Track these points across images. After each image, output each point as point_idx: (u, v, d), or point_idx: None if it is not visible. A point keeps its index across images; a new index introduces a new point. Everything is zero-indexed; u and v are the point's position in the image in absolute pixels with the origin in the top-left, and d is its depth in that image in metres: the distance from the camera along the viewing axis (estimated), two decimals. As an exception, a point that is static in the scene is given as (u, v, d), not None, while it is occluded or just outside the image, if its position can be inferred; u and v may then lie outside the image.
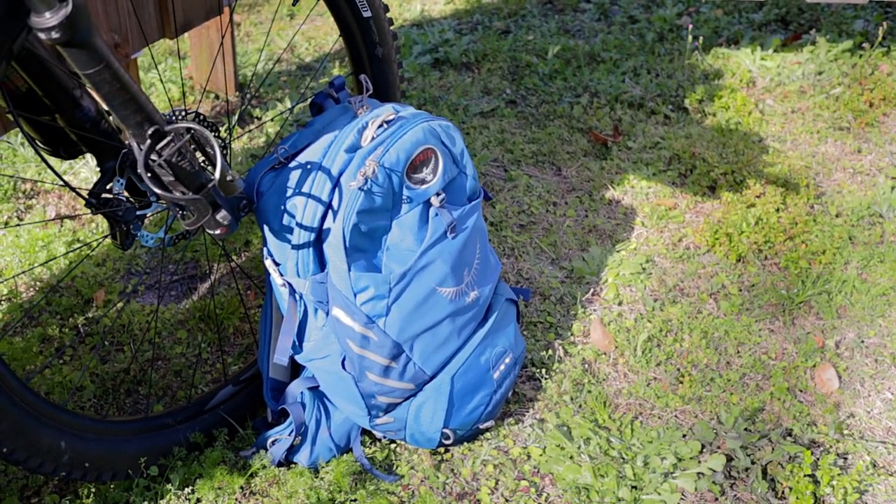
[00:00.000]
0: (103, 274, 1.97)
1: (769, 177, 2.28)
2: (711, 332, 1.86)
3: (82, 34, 1.08)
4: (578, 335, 1.86)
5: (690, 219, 2.19)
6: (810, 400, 1.73)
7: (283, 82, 2.76)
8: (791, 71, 2.76)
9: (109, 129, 1.38)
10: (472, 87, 2.71)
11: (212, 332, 1.86)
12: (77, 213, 2.16)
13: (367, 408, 1.51)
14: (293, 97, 2.65)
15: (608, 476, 1.56)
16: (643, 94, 2.64)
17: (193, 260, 2.06)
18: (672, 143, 2.42)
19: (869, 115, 2.56)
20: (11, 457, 1.29)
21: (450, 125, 1.54)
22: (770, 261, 2.05)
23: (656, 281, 2.00)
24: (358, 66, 1.69)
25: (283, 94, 2.67)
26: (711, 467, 1.56)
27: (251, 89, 2.69)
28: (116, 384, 1.73)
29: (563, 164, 2.37)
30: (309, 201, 1.40)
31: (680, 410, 1.70)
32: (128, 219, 1.40)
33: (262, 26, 3.15)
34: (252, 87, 2.70)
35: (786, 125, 2.54)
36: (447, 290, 1.51)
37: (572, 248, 2.10)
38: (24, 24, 1.12)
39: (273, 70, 2.83)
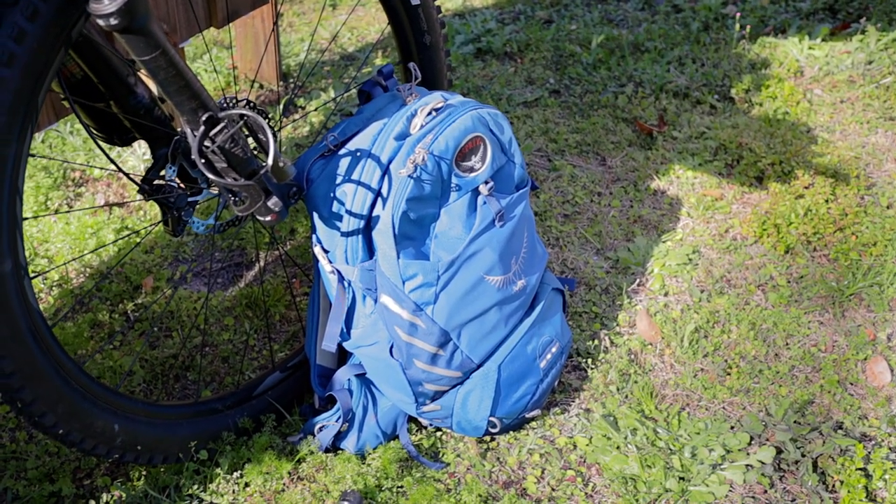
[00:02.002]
0: (151, 261, 2.00)
1: (818, 167, 2.25)
2: (760, 323, 1.84)
3: (140, 20, 1.09)
4: (624, 325, 1.85)
5: (737, 209, 2.17)
6: (861, 393, 1.71)
7: (326, 72, 2.77)
8: (840, 60, 2.71)
9: (162, 115, 1.40)
10: (515, 76, 2.70)
11: (259, 319, 1.87)
12: (125, 200, 2.19)
13: (414, 395, 1.51)
14: (337, 87, 2.65)
15: (655, 467, 1.55)
16: (688, 84, 2.61)
17: (240, 248, 2.07)
18: (718, 133, 2.40)
19: (920, 105, 2.52)
20: (67, 438, 1.31)
21: (498, 113, 1.53)
22: (819, 252, 2.03)
23: (703, 272, 1.98)
24: (406, 55, 1.69)
25: (326, 83, 2.68)
26: (760, 459, 1.55)
27: (296, 79, 2.70)
28: (165, 369, 1.75)
29: (607, 154, 2.35)
30: (358, 188, 1.41)
31: (728, 402, 1.69)
32: (179, 205, 1.42)
33: (304, 17, 3.16)
34: (296, 77, 2.71)
35: (835, 115, 2.50)
36: (495, 279, 1.51)
37: (617, 238, 2.09)
38: (83, 11, 1.13)
39: (317, 60, 2.84)
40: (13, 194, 1.15)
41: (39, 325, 1.23)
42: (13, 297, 1.18)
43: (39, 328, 1.23)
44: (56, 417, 1.27)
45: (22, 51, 1.09)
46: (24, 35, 1.08)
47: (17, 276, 1.18)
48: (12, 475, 1.53)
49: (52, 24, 1.10)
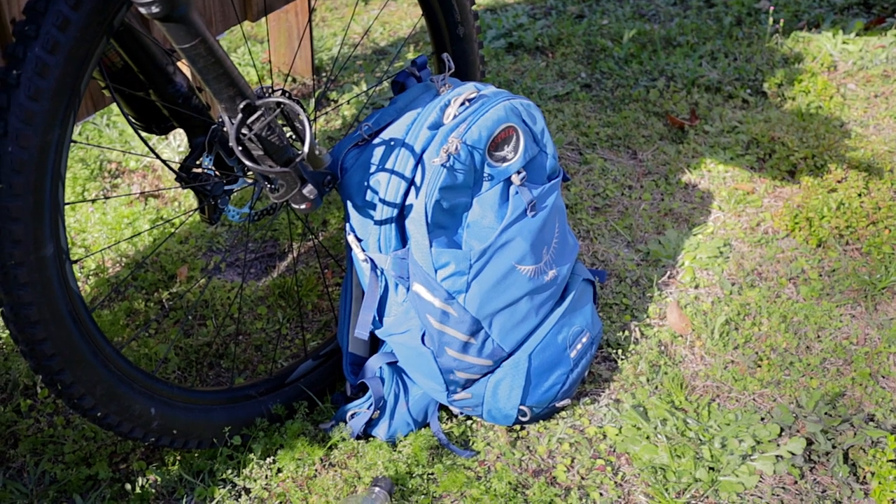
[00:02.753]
0: (186, 251, 2.02)
1: (851, 161, 2.23)
2: (791, 316, 1.84)
3: (181, 8, 1.11)
4: (654, 317, 1.86)
5: (769, 203, 2.16)
6: (893, 386, 1.70)
7: (358, 66, 2.79)
8: (874, 55, 2.70)
9: (200, 104, 1.42)
10: (546, 70, 2.70)
11: (291, 308, 1.89)
12: (160, 190, 2.22)
13: (446, 383, 1.52)
14: (369, 80, 2.67)
15: (685, 457, 1.55)
16: (720, 78, 2.60)
17: (273, 239, 2.10)
18: (750, 127, 2.39)
19: (956, 99, 2.50)
20: (105, 421, 1.33)
21: (531, 104, 1.54)
22: (851, 246, 2.02)
23: (734, 265, 1.98)
24: (439, 46, 1.71)
25: (358, 77, 2.70)
26: (791, 450, 1.55)
27: (329, 73, 2.73)
28: (200, 357, 1.78)
29: (638, 148, 2.35)
30: (392, 177, 1.42)
31: (758, 394, 1.68)
32: (216, 193, 1.44)
33: (336, 11, 3.19)
34: (329, 71, 2.74)
35: (868, 110, 2.49)
36: (526, 268, 1.52)
37: (648, 231, 2.09)
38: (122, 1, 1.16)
39: (349, 54, 2.86)
40: (55, 180, 1.18)
41: (80, 308, 1.26)
42: (55, 280, 1.21)
43: (79, 312, 1.26)
44: (95, 400, 1.30)
45: (66, 38, 1.11)
46: (67, 23, 1.11)
47: (59, 261, 1.21)
48: (50, 459, 1.56)
49: (95, 12, 1.13)
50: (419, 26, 3.04)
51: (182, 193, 2.17)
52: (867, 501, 1.50)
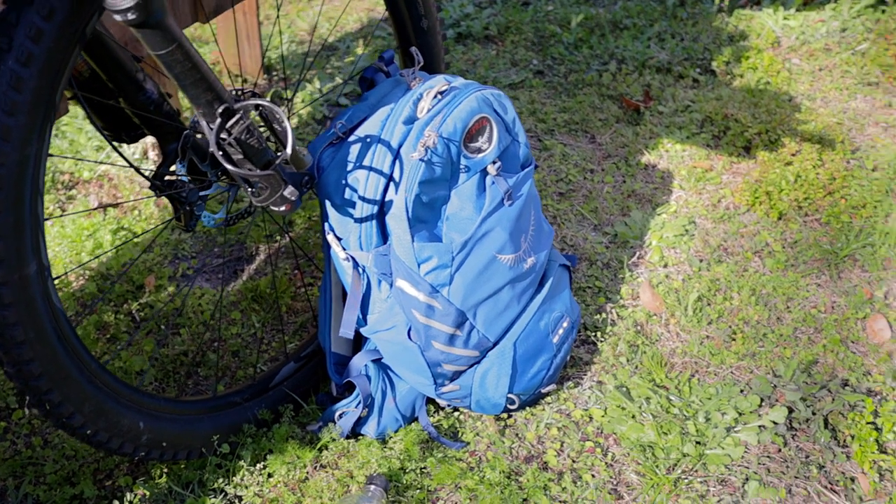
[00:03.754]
0: (152, 260, 1.99)
1: (804, 134, 2.29)
2: (759, 289, 1.88)
3: (156, 14, 1.09)
4: (628, 298, 1.88)
5: (728, 179, 2.20)
6: (863, 350, 1.75)
7: (309, 63, 2.77)
8: (815, 29, 2.76)
9: (171, 110, 1.40)
10: (498, 59, 2.71)
11: (265, 311, 1.88)
12: (119, 201, 2.18)
13: (433, 376, 1.53)
14: (322, 77, 2.65)
15: (671, 433, 1.58)
16: (670, 59, 2.64)
17: (239, 243, 2.07)
18: (703, 105, 2.43)
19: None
20: (94, 438, 1.31)
21: (501, 94, 1.55)
22: (811, 217, 2.07)
23: (700, 242, 2.01)
24: (403, 40, 1.70)
25: (310, 74, 2.68)
26: (773, 420, 1.59)
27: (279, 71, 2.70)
28: (176, 367, 1.75)
29: (596, 132, 2.37)
30: (371, 174, 1.42)
31: (735, 367, 1.72)
32: (192, 200, 1.42)
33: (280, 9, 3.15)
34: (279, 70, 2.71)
35: (814, 83, 2.55)
36: (506, 258, 1.53)
37: (613, 213, 2.11)
38: (97, 8, 1.13)
39: (297, 52, 2.83)
40: (35, 195, 1.15)
41: (63, 326, 1.23)
42: (39, 299, 1.18)
43: (64, 329, 1.23)
44: (84, 418, 1.28)
45: (39, 50, 1.08)
46: (41, 34, 1.08)
47: (42, 278, 1.18)
48: (31, 481, 1.53)
49: (68, 21, 1.10)
50: (366, 20, 3.02)
51: (143, 203, 2.13)
52: (850, 464, 1.54)
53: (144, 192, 2.18)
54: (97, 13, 1.14)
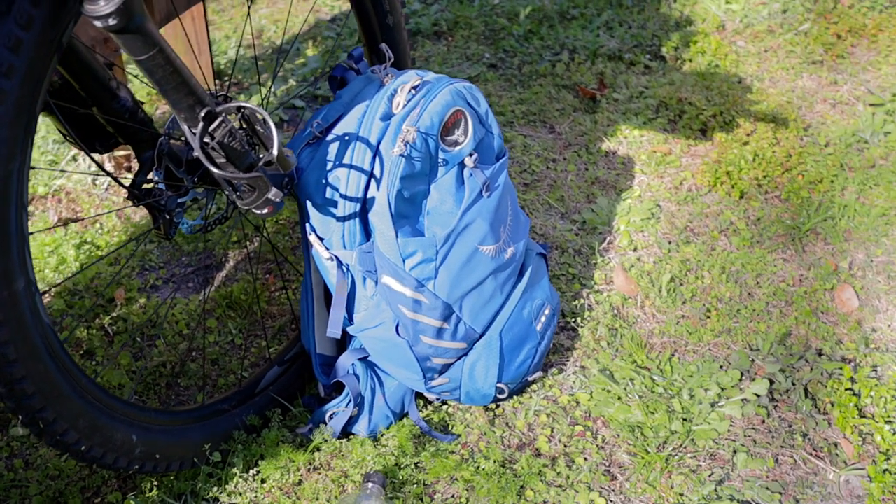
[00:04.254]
0: (120, 272, 1.95)
1: (757, 114, 2.34)
2: (729, 266, 1.92)
3: (137, 20, 1.08)
4: (602, 283, 1.91)
5: (687, 162, 2.24)
6: (834, 320, 1.80)
7: (260, 66, 2.74)
8: (757, 12, 2.82)
9: (146, 117, 1.38)
10: (450, 54, 2.72)
11: (241, 318, 1.86)
12: (79, 215, 2.13)
13: (423, 371, 1.53)
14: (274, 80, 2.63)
15: (658, 412, 1.60)
16: (620, 47, 2.68)
17: (207, 250, 2.05)
18: (657, 90, 2.47)
19: (838, 47, 2.64)
20: (89, 454, 1.28)
21: (473, 87, 1.55)
22: (771, 194, 2.12)
23: (666, 224, 2.05)
24: (370, 37, 1.70)
25: (263, 78, 2.65)
26: (756, 392, 1.62)
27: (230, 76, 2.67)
28: (156, 378, 1.72)
29: (554, 122, 2.40)
30: (351, 172, 1.41)
31: (713, 343, 1.75)
32: (171, 207, 1.40)
33: (224, 13, 3.12)
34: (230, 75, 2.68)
35: (762, 64, 2.61)
36: (488, 248, 1.53)
37: (580, 200, 2.13)
38: (74, 15, 1.11)
39: (246, 55, 2.81)
40: (20, 210, 1.12)
41: (53, 342, 1.21)
42: (28, 315, 1.15)
43: (53, 345, 1.21)
44: (78, 434, 1.25)
45: (19, 61, 1.06)
46: (20, 44, 1.05)
47: (30, 294, 1.16)
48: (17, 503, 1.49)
49: (46, 30, 1.08)
50: (312, 21, 3.01)
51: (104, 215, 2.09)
52: (832, 430, 1.59)
53: (105, 204, 2.14)
54: (73, 21, 1.12)
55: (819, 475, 1.52)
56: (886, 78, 2.52)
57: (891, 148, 2.24)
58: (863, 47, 2.67)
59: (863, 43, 2.68)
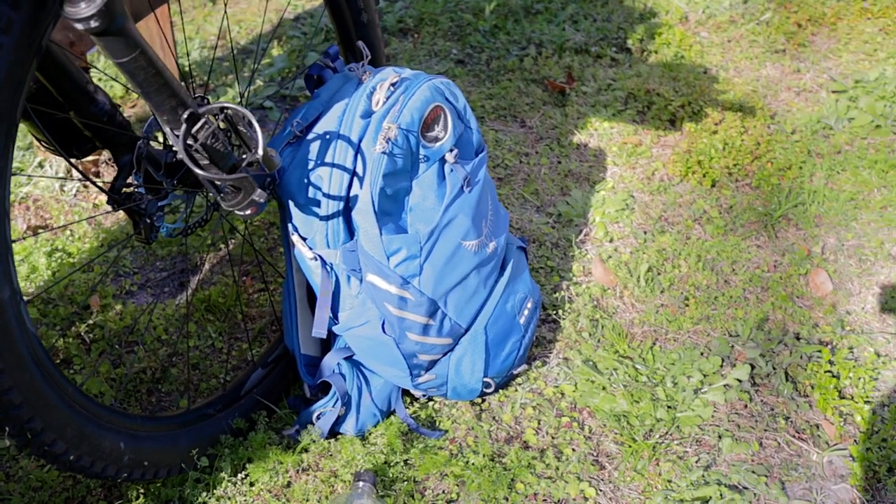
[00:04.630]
0: (93, 279, 1.93)
1: (724, 104, 2.37)
2: (704, 254, 1.94)
3: (119, 21, 1.06)
4: (580, 275, 1.92)
5: (658, 152, 2.26)
6: (809, 304, 1.83)
7: (225, 67, 2.72)
8: (718, 3, 2.85)
9: (124, 121, 1.36)
10: (417, 51, 2.72)
11: (220, 321, 1.84)
12: (49, 223, 2.10)
13: (409, 368, 1.53)
14: (242, 81, 2.61)
15: (643, 401, 1.62)
16: (586, 40, 2.69)
17: (180, 254, 2.02)
18: (625, 82, 2.49)
19: (800, 35, 2.68)
20: (78, 464, 1.26)
21: (450, 82, 1.55)
22: (742, 182, 2.14)
23: (641, 214, 2.07)
24: (345, 35, 1.69)
25: (230, 79, 2.63)
26: (737, 377, 1.64)
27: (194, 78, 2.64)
28: (137, 385, 1.70)
29: (525, 116, 2.41)
30: (334, 170, 1.41)
31: (693, 331, 1.77)
32: (151, 211, 1.38)
33: (186, 14, 3.08)
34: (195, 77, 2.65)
35: (725, 54, 2.64)
36: (471, 243, 1.54)
37: (554, 193, 2.15)
38: (53, 17, 1.09)
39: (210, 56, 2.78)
40: (2, 217, 1.10)
41: (38, 350, 1.19)
42: (13, 324, 1.13)
43: (39, 354, 1.19)
44: (66, 444, 1.23)
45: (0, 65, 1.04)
46: (0, 48, 1.03)
47: (15, 303, 1.14)
48: (-1, 517, 1.47)
49: (26, 33, 1.06)
50: (276, 20, 2.98)
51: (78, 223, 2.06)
52: (813, 412, 1.61)
53: (75, 210, 2.11)
54: (53, 23, 1.10)
55: (803, 457, 1.54)
56: (847, 65, 2.57)
57: (855, 134, 2.28)
58: (823, 35, 2.71)
59: (823, 31, 2.73)
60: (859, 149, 2.23)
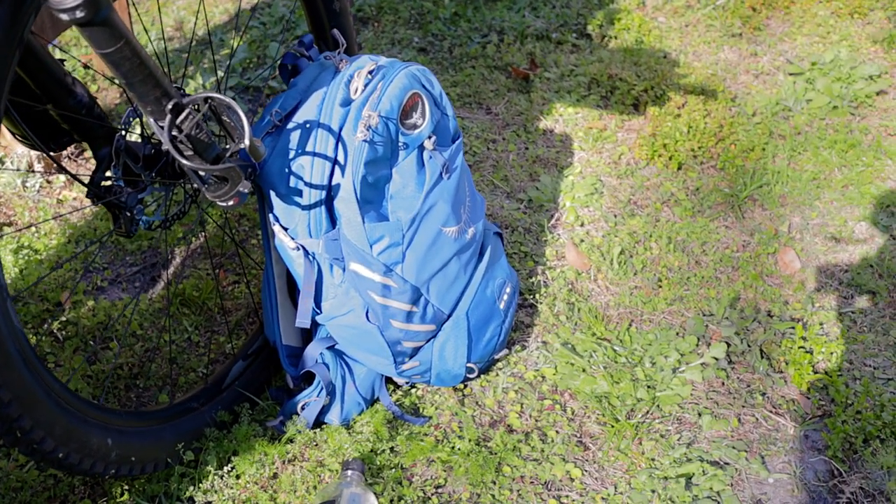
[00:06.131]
0: (63, 276, 1.89)
1: (686, 87, 2.40)
2: (675, 236, 1.97)
3: (104, 12, 1.05)
4: (554, 259, 1.94)
5: (623, 137, 2.29)
6: (778, 282, 1.87)
7: (184, 59, 2.68)
8: (675, -12, 2.89)
9: (102, 113, 1.34)
10: (378, 40, 2.71)
11: (195, 314, 1.82)
12: (12, 220, 2.06)
13: (393, 355, 1.53)
14: (202, 72, 2.58)
15: (622, 381, 1.64)
16: (547, 27, 2.71)
17: (151, 248, 2.00)
18: (587, 68, 2.51)
19: (755, 19, 2.73)
20: (66, 462, 1.25)
21: (425, 69, 1.55)
22: (707, 164, 2.18)
23: (610, 198, 2.09)
24: (317, 23, 1.68)
25: (191, 70, 2.60)
26: (714, 356, 1.68)
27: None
28: (114, 381, 1.68)
29: (490, 103, 2.42)
30: (315, 159, 1.40)
31: (667, 311, 1.80)
32: (131, 204, 1.37)
33: (141, 6, 3.03)
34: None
35: (684, 38, 2.68)
36: (451, 230, 1.54)
37: (523, 179, 2.16)
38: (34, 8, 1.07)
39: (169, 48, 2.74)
40: (-12, 212, 1.08)
41: (25, 347, 1.17)
42: (0, 321, 1.11)
43: (26, 351, 1.17)
44: (55, 441, 1.22)
45: (-16, 57, 1.02)
46: (-16, 40, 1.01)
47: (1, 299, 1.12)
48: (-22, 519, 1.44)
49: (8, 26, 1.04)
50: (233, 10, 2.95)
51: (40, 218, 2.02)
52: (788, 387, 1.65)
53: (40, 206, 2.07)
54: (34, 14, 1.08)
55: (780, 431, 1.58)
56: (802, 48, 2.62)
57: (814, 115, 2.33)
58: (777, 19, 2.76)
59: (777, 15, 2.78)
60: (818, 129, 2.28)
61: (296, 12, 2.87)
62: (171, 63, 2.66)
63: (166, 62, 1.78)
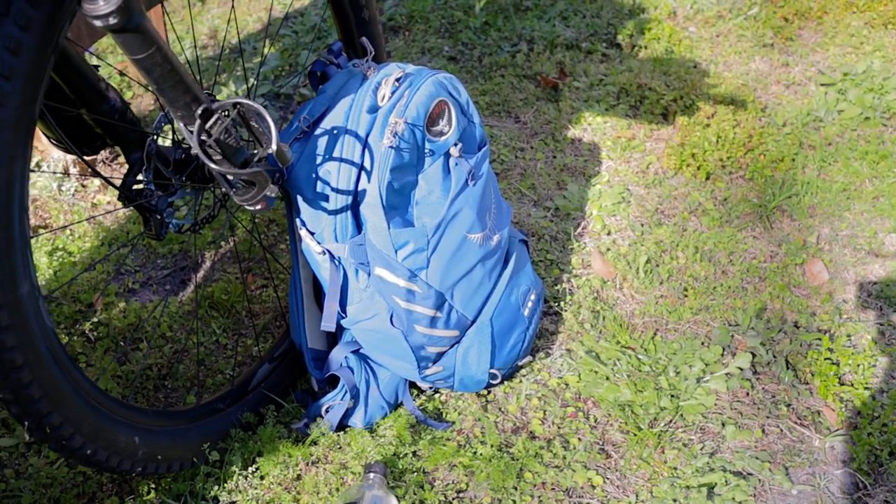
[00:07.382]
0: (96, 278, 1.93)
1: (716, 98, 2.40)
2: (701, 246, 1.97)
3: (136, 18, 1.08)
4: (580, 267, 1.94)
5: (652, 146, 2.29)
6: (806, 293, 1.86)
7: (218, 67, 2.72)
8: (706, -2, 2.89)
9: (134, 118, 1.37)
10: (409, 49, 2.73)
11: (224, 317, 1.85)
12: (48, 222, 2.10)
13: (417, 360, 1.54)
14: (235, 80, 2.61)
15: (646, 390, 1.64)
16: (577, 36, 2.72)
17: (181, 251, 2.03)
18: (616, 77, 2.51)
19: (787, 29, 2.72)
20: (94, 458, 1.27)
21: (453, 77, 1.57)
22: (736, 174, 2.17)
23: (637, 207, 2.09)
24: (346, 31, 1.70)
25: (225, 78, 2.64)
26: (739, 366, 1.67)
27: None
28: (143, 381, 1.71)
29: (519, 111, 2.43)
30: (342, 165, 1.42)
31: (693, 321, 1.80)
32: (162, 208, 1.39)
33: (175, 14, 3.08)
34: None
35: (714, 49, 2.67)
36: (476, 236, 1.55)
37: (550, 188, 2.17)
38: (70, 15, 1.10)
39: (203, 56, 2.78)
40: (23, 213, 1.11)
41: (56, 345, 1.19)
42: (33, 319, 1.14)
43: (56, 349, 1.19)
44: (83, 438, 1.24)
45: (20, 63, 1.04)
46: (20, 46, 1.04)
47: (34, 298, 1.14)
48: (9, 514, 1.47)
49: (45, 31, 1.07)
50: (265, 19, 2.99)
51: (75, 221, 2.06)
52: (814, 399, 1.64)
53: (74, 210, 2.11)
54: (69, 21, 1.11)
55: (805, 443, 1.57)
56: (835, 58, 2.61)
57: (845, 126, 2.32)
58: (810, 29, 2.75)
59: (809, 25, 2.76)
60: (850, 140, 2.26)
61: (328, 21, 2.90)
62: (205, 70, 2.70)
63: (198, 69, 1.81)
